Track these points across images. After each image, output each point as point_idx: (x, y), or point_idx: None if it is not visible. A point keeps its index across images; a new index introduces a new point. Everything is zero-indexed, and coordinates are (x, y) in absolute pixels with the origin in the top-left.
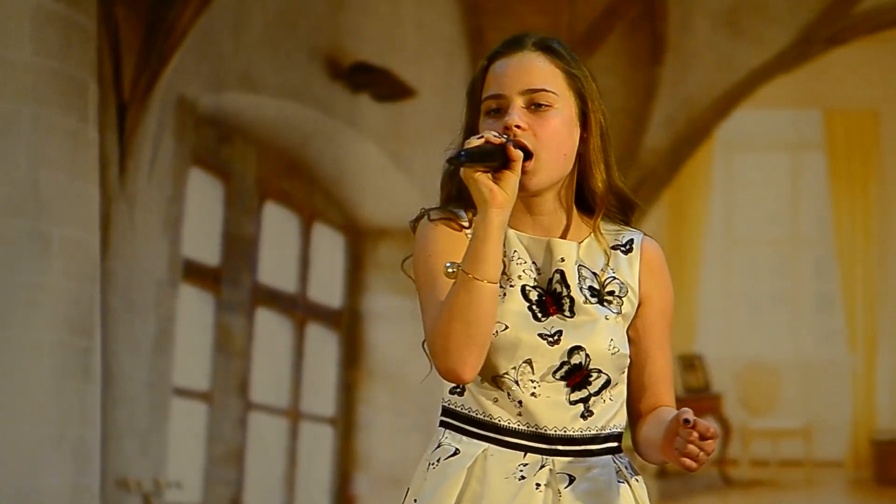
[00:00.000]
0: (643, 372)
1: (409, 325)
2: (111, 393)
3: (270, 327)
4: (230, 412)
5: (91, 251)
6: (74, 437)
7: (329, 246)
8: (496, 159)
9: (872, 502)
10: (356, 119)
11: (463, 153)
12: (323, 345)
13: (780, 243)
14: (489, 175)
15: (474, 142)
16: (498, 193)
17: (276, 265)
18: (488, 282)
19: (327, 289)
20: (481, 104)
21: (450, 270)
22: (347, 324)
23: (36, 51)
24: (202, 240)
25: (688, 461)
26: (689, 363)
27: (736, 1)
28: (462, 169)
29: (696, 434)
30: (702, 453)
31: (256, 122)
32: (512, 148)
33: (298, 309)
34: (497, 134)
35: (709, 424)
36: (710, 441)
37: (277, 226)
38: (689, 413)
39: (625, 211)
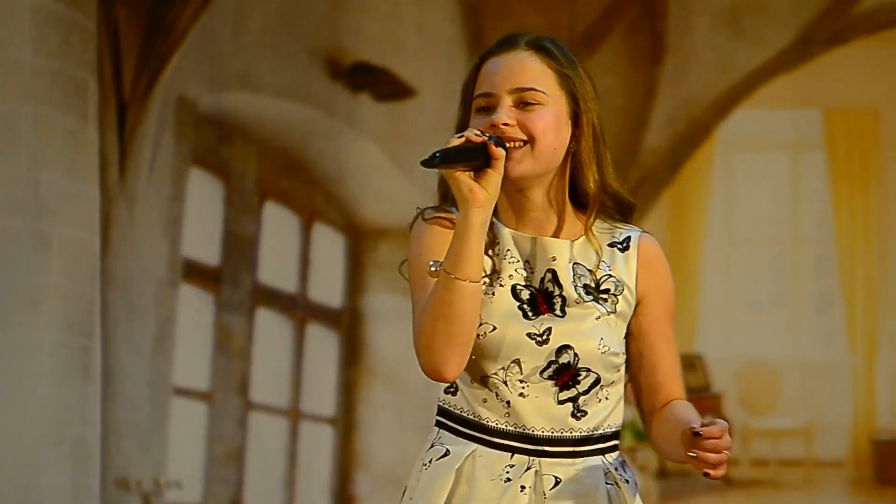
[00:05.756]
0: (652, 368)
1: (409, 325)
2: (111, 393)
3: (270, 327)
4: (230, 412)
5: (91, 251)
6: (74, 437)
7: (329, 246)
8: (478, 158)
9: (872, 502)
10: (356, 119)
11: (438, 154)
12: (323, 345)
13: (780, 243)
14: (470, 174)
15: (454, 141)
16: (478, 192)
17: (276, 265)
18: (469, 281)
19: (327, 289)
20: (472, 102)
21: (432, 269)
22: (347, 324)
23: (36, 51)
24: (202, 240)
25: (712, 472)
26: (689, 363)
27: (736, 1)
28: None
29: (709, 443)
30: (716, 455)
31: (256, 122)
32: (493, 146)
33: (298, 309)
34: (479, 132)
35: (713, 425)
36: (715, 441)
37: (277, 226)
38: (695, 425)
39: (622, 211)
